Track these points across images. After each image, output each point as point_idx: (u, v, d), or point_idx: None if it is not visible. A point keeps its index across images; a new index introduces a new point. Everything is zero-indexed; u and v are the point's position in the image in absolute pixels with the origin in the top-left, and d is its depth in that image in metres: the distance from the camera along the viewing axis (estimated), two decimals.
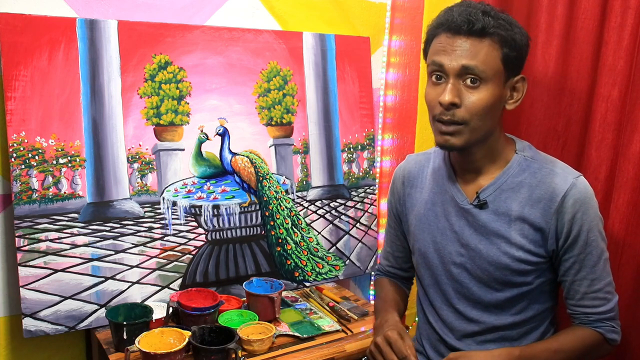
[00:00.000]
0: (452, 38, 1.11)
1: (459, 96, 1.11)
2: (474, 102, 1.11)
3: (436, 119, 1.14)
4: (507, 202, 1.19)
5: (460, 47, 1.10)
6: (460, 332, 1.26)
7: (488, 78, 1.11)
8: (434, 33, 1.16)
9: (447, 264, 1.25)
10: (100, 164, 1.47)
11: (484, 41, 1.10)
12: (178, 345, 1.23)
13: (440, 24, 1.14)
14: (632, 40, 1.35)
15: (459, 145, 1.14)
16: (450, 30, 1.11)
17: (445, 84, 1.12)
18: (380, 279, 1.48)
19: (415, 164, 1.36)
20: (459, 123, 1.12)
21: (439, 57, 1.12)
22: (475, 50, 1.10)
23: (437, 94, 1.13)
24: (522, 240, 1.18)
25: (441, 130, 1.14)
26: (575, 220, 1.15)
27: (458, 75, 1.11)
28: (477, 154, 1.19)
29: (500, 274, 1.19)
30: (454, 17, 1.11)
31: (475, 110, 1.11)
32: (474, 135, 1.14)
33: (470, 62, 1.10)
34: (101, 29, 1.46)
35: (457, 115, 1.11)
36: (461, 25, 1.10)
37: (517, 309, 1.22)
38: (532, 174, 1.19)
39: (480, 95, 1.11)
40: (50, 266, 1.40)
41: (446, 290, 1.27)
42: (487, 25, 1.10)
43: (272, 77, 1.71)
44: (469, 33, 1.10)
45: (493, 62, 1.11)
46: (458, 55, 1.10)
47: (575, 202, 1.15)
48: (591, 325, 1.20)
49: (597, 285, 1.18)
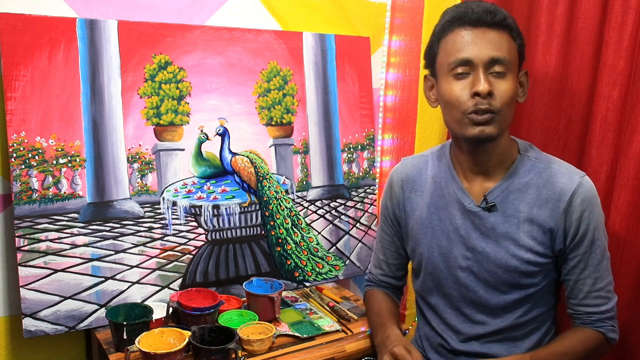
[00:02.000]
0: (473, 30, 1.11)
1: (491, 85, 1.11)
2: (504, 91, 1.12)
3: (468, 113, 1.12)
4: (515, 203, 1.18)
5: (485, 38, 1.11)
6: (465, 335, 1.25)
7: (511, 68, 1.13)
8: (446, 30, 1.15)
9: (453, 268, 1.24)
10: (100, 164, 1.47)
11: (504, 32, 1.12)
12: (178, 345, 1.23)
13: (456, 19, 1.13)
14: (633, 40, 1.35)
15: (495, 134, 1.13)
16: (472, 22, 1.11)
17: (475, 76, 1.11)
18: (370, 291, 1.44)
19: (413, 167, 1.34)
20: (494, 112, 1.11)
21: (463, 53, 1.12)
22: (500, 41, 1.11)
23: (463, 87, 1.12)
24: (530, 241, 1.17)
25: (476, 121, 1.12)
26: (583, 219, 1.16)
27: (486, 67, 1.11)
28: (489, 152, 1.18)
29: (508, 276, 1.19)
30: (473, 9, 1.11)
31: (505, 99, 1.12)
32: (504, 125, 1.15)
33: (498, 54, 1.11)
34: (101, 29, 1.45)
35: (492, 104, 1.11)
36: (483, 17, 1.10)
37: (523, 310, 1.22)
38: (538, 174, 1.19)
39: (508, 84, 1.12)
40: (50, 266, 1.40)
41: (451, 295, 1.26)
42: (506, 16, 1.12)
43: (272, 77, 1.70)
44: (491, 24, 1.11)
45: (514, 52, 1.14)
46: (485, 47, 1.10)
47: (583, 201, 1.16)
48: (593, 325, 1.20)
49: (599, 284, 1.19)
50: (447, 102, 1.15)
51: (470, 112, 1.12)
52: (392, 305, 1.37)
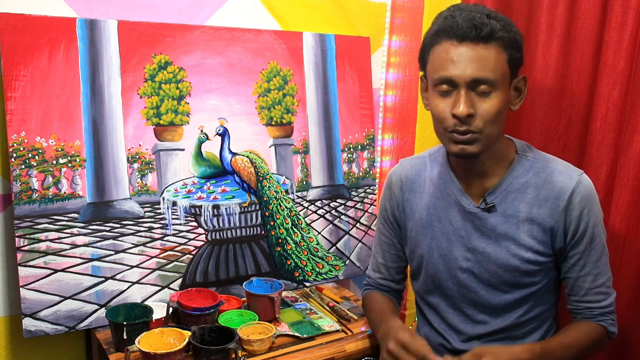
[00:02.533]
0: (457, 46, 1.08)
1: (472, 106, 1.08)
2: (487, 110, 1.09)
3: (449, 131, 1.11)
4: (515, 203, 1.18)
5: (468, 55, 1.07)
6: (466, 335, 1.25)
7: (498, 84, 1.09)
8: (434, 41, 1.12)
9: (453, 269, 1.24)
10: (100, 164, 1.47)
11: (491, 46, 1.08)
12: (178, 345, 1.23)
13: (442, 31, 1.10)
14: (633, 40, 1.35)
15: (477, 153, 1.12)
16: (456, 37, 1.07)
17: (457, 95, 1.09)
18: (369, 293, 1.42)
19: (412, 169, 1.34)
20: (475, 132, 1.10)
21: (446, 71, 1.09)
22: (485, 58, 1.07)
23: (447, 105, 1.11)
24: (531, 241, 1.18)
25: (457, 140, 1.11)
26: (583, 217, 1.16)
27: (469, 86, 1.08)
28: (483, 157, 1.18)
29: (509, 276, 1.19)
30: (459, 23, 1.07)
31: (489, 118, 1.09)
32: (488, 141, 1.13)
33: (481, 74, 1.07)
34: (101, 29, 1.45)
35: (473, 125, 1.09)
36: (467, 32, 1.06)
37: (524, 309, 1.22)
38: (536, 173, 1.19)
39: (492, 102, 1.09)
40: (50, 266, 1.40)
41: (452, 295, 1.26)
42: (494, 29, 1.07)
43: (272, 77, 1.70)
44: (476, 39, 1.07)
45: (501, 67, 1.09)
46: (468, 65, 1.07)
47: (582, 199, 1.16)
48: (595, 319, 1.21)
49: (600, 280, 1.20)
50: (433, 115, 1.16)
51: (451, 131, 1.11)
52: (392, 305, 1.37)
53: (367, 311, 1.41)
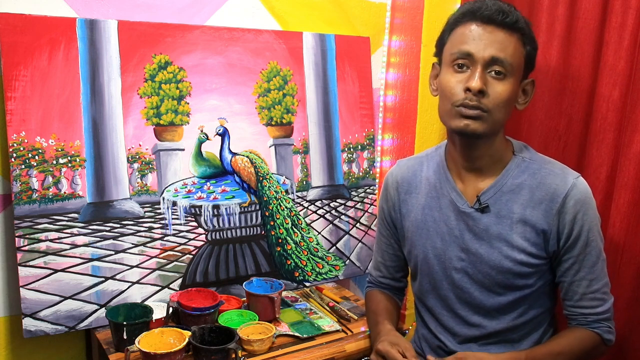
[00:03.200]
0: (482, 27, 1.11)
1: (486, 84, 1.10)
2: (499, 93, 1.11)
3: (457, 105, 1.12)
4: (509, 204, 1.18)
5: (491, 37, 1.10)
6: (461, 337, 1.25)
7: (512, 72, 1.12)
8: (458, 22, 1.15)
9: (448, 270, 1.24)
10: (100, 164, 1.47)
11: (514, 35, 1.11)
12: (178, 345, 1.23)
13: (469, 12, 1.13)
14: (633, 41, 1.35)
15: (480, 131, 1.13)
16: (482, 19, 1.11)
17: (472, 72, 1.11)
18: (370, 291, 1.45)
19: (408, 169, 1.34)
20: (483, 110, 1.11)
21: (467, 46, 1.12)
22: (506, 42, 1.11)
23: (459, 80, 1.12)
24: (523, 243, 1.17)
25: (463, 114, 1.12)
26: (577, 221, 1.15)
27: (486, 65, 1.11)
28: (481, 150, 1.18)
29: (502, 277, 1.19)
30: (488, 6, 1.11)
31: (499, 101, 1.11)
32: (493, 126, 1.14)
33: (500, 54, 1.10)
34: (101, 29, 1.45)
35: (482, 103, 1.11)
36: (494, 15, 1.10)
37: (519, 312, 1.21)
38: (531, 175, 1.19)
39: (504, 87, 1.12)
40: (50, 266, 1.40)
41: (447, 296, 1.26)
42: (519, 19, 1.11)
43: (272, 77, 1.70)
44: (502, 24, 1.10)
45: (519, 57, 1.13)
46: (489, 45, 1.10)
47: (577, 203, 1.15)
48: (589, 326, 1.20)
49: (595, 286, 1.18)
50: (442, 92, 1.16)
51: (459, 105, 1.12)
52: (388, 304, 1.38)
53: (366, 310, 1.43)
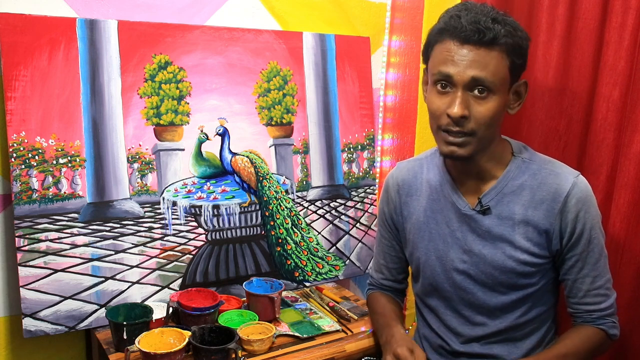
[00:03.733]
0: (460, 47, 1.07)
1: (467, 107, 1.08)
2: (482, 113, 1.09)
3: (442, 129, 1.12)
4: (510, 205, 1.18)
5: (469, 57, 1.07)
6: (465, 337, 1.25)
7: (496, 88, 1.09)
8: (438, 38, 1.12)
9: (450, 271, 1.24)
10: (100, 164, 1.47)
11: (493, 51, 1.07)
12: (178, 345, 1.23)
13: (446, 30, 1.09)
14: (633, 41, 1.35)
15: (466, 156, 1.12)
16: (459, 38, 1.07)
17: (453, 95, 1.09)
18: (373, 294, 1.44)
19: (409, 172, 1.34)
20: (467, 134, 1.10)
21: (446, 68, 1.09)
22: (485, 61, 1.07)
23: (443, 104, 1.10)
24: (526, 243, 1.17)
25: (448, 141, 1.11)
26: (579, 219, 1.15)
27: (466, 86, 1.08)
28: (478, 159, 1.18)
29: (505, 277, 1.19)
30: (463, 25, 1.06)
31: (483, 121, 1.09)
32: (481, 145, 1.13)
33: (480, 74, 1.07)
34: (101, 29, 1.45)
35: (466, 127, 1.09)
36: (470, 36, 1.06)
37: (522, 311, 1.22)
38: (532, 175, 1.19)
39: (488, 105, 1.09)
40: (50, 266, 1.40)
41: (449, 297, 1.26)
42: (497, 35, 1.06)
43: (272, 77, 1.70)
44: (479, 43, 1.06)
45: (501, 72, 1.09)
46: (467, 66, 1.07)
47: (578, 201, 1.15)
48: (594, 322, 1.20)
49: (598, 282, 1.19)
50: (429, 111, 1.16)
51: (444, 130, 1.11)
52: (395, 307, 1.37)
53: (371, 312, 1.42)
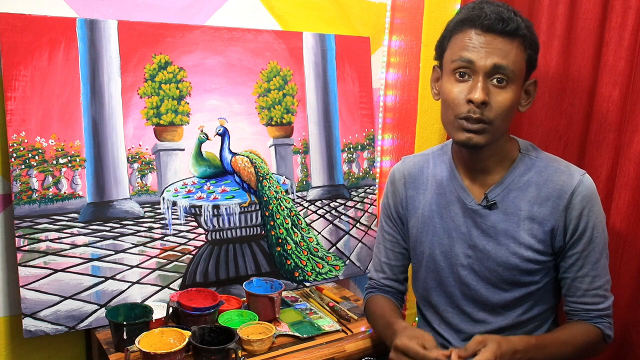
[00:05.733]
0: (483, 35, 1.10)
1: (488, 95, 1.10)
2: (501, 102, 1.11)
3: (460, 117, 1.12)
4: (516, 201, 1.19)
5: (492, 45, 1.09)
6: (466, 334, 1.25)
7: (514, 78, 1.11)
8: (457, 29, 1.14)
9: (455, 266, 1.24)
10: (100, 164, 1.47)
11: (515, 41, 1.10)
12: (178, 345, 1.23)
13: (469, 20, 1.12)
14: (633, 41, 1.35)
15: (483, 144, 1.13)
16: (482, 27, 1.10)
17: (474, 82, 1.11)
18: (372, 296, 1.39)
19: (415, 165, 1.34)
20: (485, 122, 1.11)
21: (468, 53, 1.11)
22: (507, 49, 1.10)
23: (462, 92, 1.12)
24: (531, 240, 1.18)
25: (465, 128, 1.12)
26: (582, 217, 1.16)
27: (488, 74, 1.10)
28: (486, 153, 1.19)
29: (509, 274, 1.19)
30: (487, 14, 1.09)
31: (501, 110, 1.11)
32: (496, 135, 1.14)
33: (502, 62, 1.09)
34: (101, 29, 1.45)
35: (485, 114, 1.10)
36: (494, 24, 1.09)
37: (524, 309, 1.22)
38: (538, 172, 1.19)
39: (507, 95, 1.11)
40: (50, 266, 1.40)
41: (452, 293, 1.26)
42: (519, 26, 1.10)
43: (272, 77, 1.70)
44: (502, 32, 1.09)
45: (520, 63, 1.12)
46: (490, 53, 1.09)
47: (583, 199, 1.16)
48: (591, 321, 1.21)
49: (597, 282, 1.19)
50: (445, 101, 1.16)
51: (462, 117, 1.12)
52: (394, 306, 1.36)
53: (371, 316, 1.37)
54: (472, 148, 1.16)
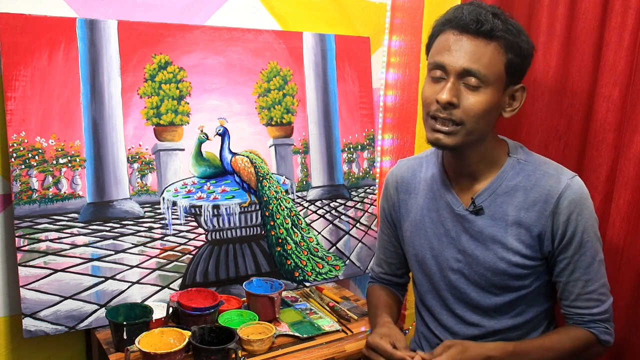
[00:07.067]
0: (458, 36, 1.09)
1: (457, 96, 1.09)
2: (472, 104, 1.09)
3: (430, 116, 1.12)
4: (503, 206, 1.18)
5: (465, 47, 1.08)
6: (461, 336, 1.25)
7: (489, 82, 1.10)
8: (440, 29, 1.14)
9: (445, 270, 1.24)
10: (100, 164, 1.47)
11: (490, 44, 1.09)
12: (178, 345, 1.23)
13: (448, 21, 1.12)
14: (633, 40, 1.35)
15: (451, 145, 1.12)
16: (458, 28, 1.09)
17: (445, 83, 1.10)
18: (372, 286, 1.45)
19: (408, 169, 1.34)
20: (456, 123, 1.10)
21: (441, 57, 1.11)
22: (480, 52, 1.08)
23: (434, 91, 1.12)
24: (518, 245, 1.17)
25: (434, 128, 1.12)
26: (570, 221, 1.14)
27: (459, 76, 1.09)
28: (471, 157, 1.18)
29: (498, 279, 1.19)
30: (463, 15, 1.09)
31: (472, 112, 1.10)
32: (468, 138, 1.12)
33: (472, 66, 1.08)
34: (101, 29, 1.45)
35: (454, 115, 1.10)
36: (469, 24, 1.08)
37: (517, 312, 1.21)
38: (526, 176, 1.18)
39: (479, 98, 1.10)
40: (50, 266, 1.40)
41: (444, 296, 1.26)
42: (495, 28, 1.08)
43: (272, 77, 1.70)
44: (476, 33, 1.08)
45: (496, 66, 1.10)
46: (461, 56, 1.08)
47: (570, 203, 1.14)
48: (585, 325, 1.19)
49: (591, 287, 1.18)
50: (422, 99, 1.17)
51: (431, 116, 1.12)
52: (388, 298, 1.38)
53: (368, 305, 1.43)
54: (442, 149, 1.17)
